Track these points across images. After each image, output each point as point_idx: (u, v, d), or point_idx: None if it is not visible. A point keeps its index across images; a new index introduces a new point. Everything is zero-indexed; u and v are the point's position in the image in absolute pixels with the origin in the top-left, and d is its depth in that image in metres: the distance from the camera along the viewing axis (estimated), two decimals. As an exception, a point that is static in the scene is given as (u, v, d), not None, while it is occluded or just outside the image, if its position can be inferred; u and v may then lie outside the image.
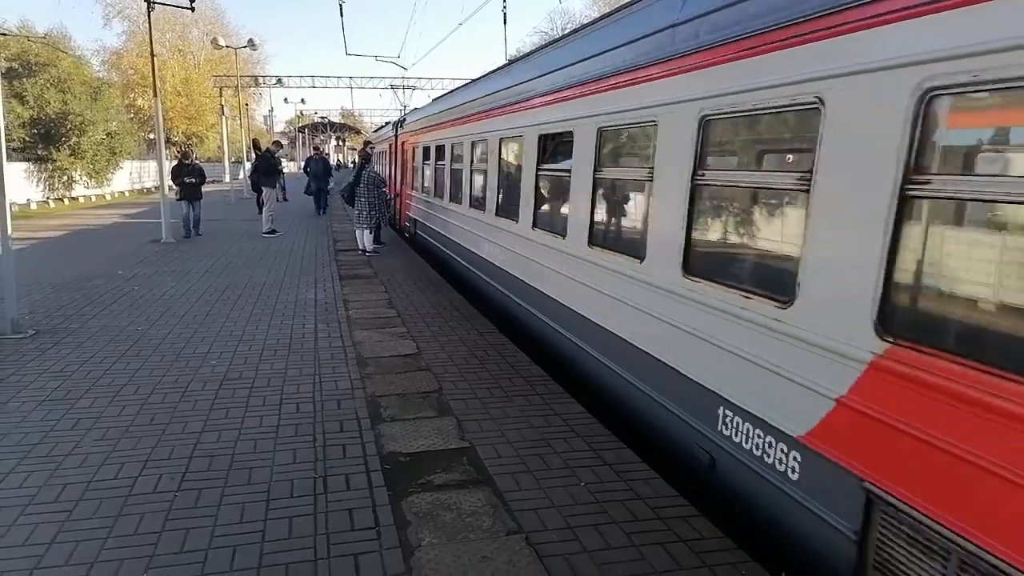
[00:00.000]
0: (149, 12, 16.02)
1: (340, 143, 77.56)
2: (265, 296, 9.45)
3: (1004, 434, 2.33)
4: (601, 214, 5.80)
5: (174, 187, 16.26)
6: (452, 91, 14.42)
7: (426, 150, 14.25)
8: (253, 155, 21.53)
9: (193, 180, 16.01)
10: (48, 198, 28.60)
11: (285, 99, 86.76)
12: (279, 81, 48.21)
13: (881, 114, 2.85)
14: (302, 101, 65.20)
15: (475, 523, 3.61)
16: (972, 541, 2.43)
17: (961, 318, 2.69)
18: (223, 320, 8.01)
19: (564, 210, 6.43)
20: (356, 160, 16.36)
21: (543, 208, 7.21)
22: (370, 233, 13.74)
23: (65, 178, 29.89)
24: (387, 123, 24.77)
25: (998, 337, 2.52)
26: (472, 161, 10.19)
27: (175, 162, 16.88)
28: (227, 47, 36.39)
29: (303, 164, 30.86)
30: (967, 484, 2.48)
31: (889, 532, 2.81)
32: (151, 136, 36.88)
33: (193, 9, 18.56)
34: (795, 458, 3.34)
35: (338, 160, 60.64)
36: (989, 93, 2.49)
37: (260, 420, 5.02)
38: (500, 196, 8.70)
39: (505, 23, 16.54)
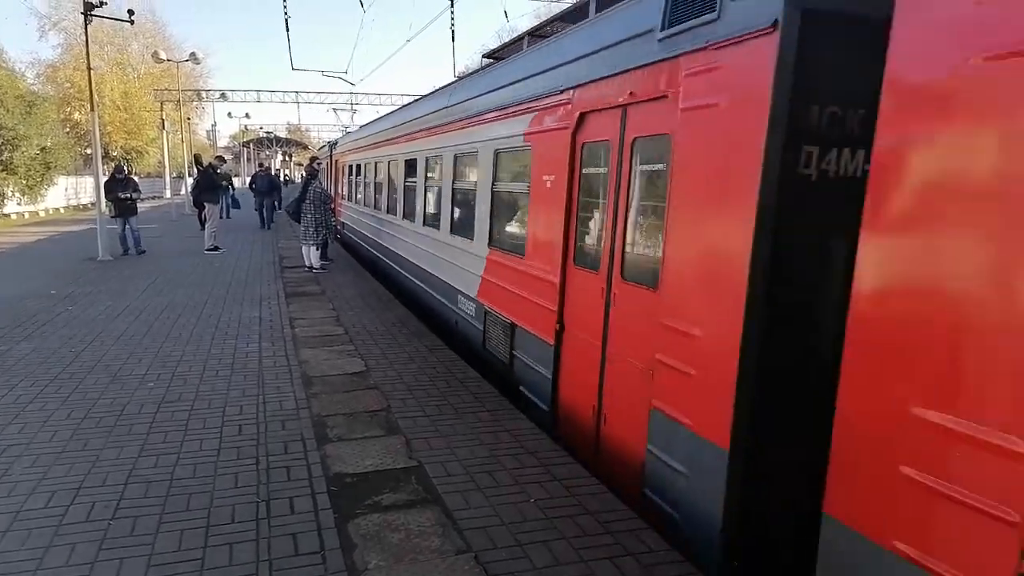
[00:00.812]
0: (86, 24, 15.58)
1: (287, 158, 76.28)
2: (207, 315, 9.20)
3: (506, 271, 6.46)
4: (426, 205, 9.92)
5: (108, 203, 15.58)
6: (361, 126, 19.66)
7: (348, 167, 18.48)
8: (195, 170, 20.98)
9: (127, 196, 15.25)
10: (-24, 215, 27.35)
11: (229, 114, 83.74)
12: (223, 95, 47.10)
13: (487, 159, 6.99)
14: (247, 116, 63.73)
15: (423, 543, 3.56)
16: (503, 314, 6.55)
17: (504, 234, 6.78)
18: (162, 340, 7.76)
19: (409, 205, 10.99)
20: (303, 175, 16.20)
21: (410, 205, 10.99)
22: (317, 250, 13.53)
23: (-5, 195, 28.64)
24: (327, 143, 27.09)
25: (505, 238, 6.74)
26: (373, 176, 14.37)
27: (107, 176, 16.04)
28: (168, 61, 35.60)
29: (249, 180, 30.43)
30: (500, 292, 6.61)
31: (488, 322, 6.97)
32: (88, 151, 35.62)
33: (132, 22, 18.13)
34: (473, 307, 7.47)
35: (285, 175, 59.54)
36: (507, 154, 6.67)
37: (200, 443, 4.87)
38: (381, 198, 13.35)
39: (453, 40, 16.73)
